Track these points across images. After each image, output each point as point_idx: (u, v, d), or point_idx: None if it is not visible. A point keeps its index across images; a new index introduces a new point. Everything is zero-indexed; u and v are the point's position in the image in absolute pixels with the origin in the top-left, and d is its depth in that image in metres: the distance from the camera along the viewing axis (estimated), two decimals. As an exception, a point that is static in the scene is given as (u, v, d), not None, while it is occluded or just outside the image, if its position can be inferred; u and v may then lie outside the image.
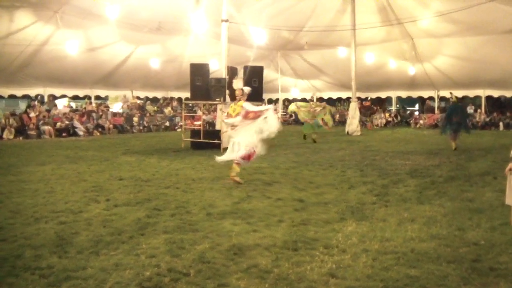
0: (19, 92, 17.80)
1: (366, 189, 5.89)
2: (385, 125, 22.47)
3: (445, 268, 3.10)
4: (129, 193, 5.61)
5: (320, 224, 4.24)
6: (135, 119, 19.16)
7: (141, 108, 20.76)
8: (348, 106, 19.01)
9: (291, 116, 24.58)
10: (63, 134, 15.71)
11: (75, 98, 21.46)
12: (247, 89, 6.46)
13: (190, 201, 5.18)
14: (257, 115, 6.10)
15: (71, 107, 20.40)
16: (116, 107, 21.28)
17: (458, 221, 4.33)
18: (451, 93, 11.38)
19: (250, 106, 6.23)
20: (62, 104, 19.96)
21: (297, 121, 25.28)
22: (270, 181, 6.56)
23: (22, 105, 21.17)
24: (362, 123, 20.32)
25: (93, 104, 19.72)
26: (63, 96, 20.40)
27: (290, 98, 26.20)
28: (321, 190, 5.87)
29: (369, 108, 23.16)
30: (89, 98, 20.39)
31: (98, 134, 16.74)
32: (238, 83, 6.53)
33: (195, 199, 5.33)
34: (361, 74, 18.28)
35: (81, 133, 16.18)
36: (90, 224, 4.21)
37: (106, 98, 22.78)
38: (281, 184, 6.31)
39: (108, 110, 19.50)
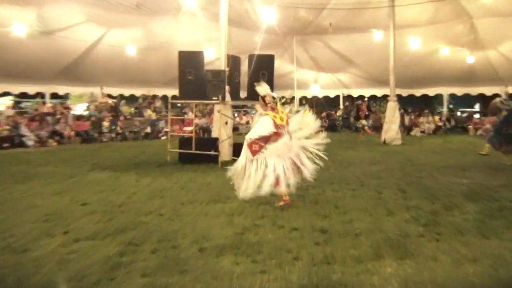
0: None
1: (409, 217, 5.85)
2: (434, 131, 22.40)
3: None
4: (96, 223, 5.63)
5: (348, 263, 4.23)
6: (106, 124, 19.34)
7: (114, 110, 20.96)
8: (385, 107, 19.02)
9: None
10: (5, 145, 15.27)
11: (23, 96, 21.56)
12: (271, 94, 6.70)
13: (178, 232, 5.19)
14: None
15: (18, 108, 20.58)
16: (80, 108, 21.51)
17: (534, 260, 4.27)
18: None
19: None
20: (3, 105, 20.12)
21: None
22: (283, 204, 6.55)
23: None
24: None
25: (48, 105, 19.90)
26: (6, 94, 20.52)
27: (309, 96, 26.33)
28: (349, 217, 5.84)
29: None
30: (43, 97, 20.56)
31: (54, 144, 16.77)
32: (265, 88, 6.68)
33: (184, 229, 5.33)
34: (402, 65, 18.31)
35: (30, 143, 15.92)
36: (40, 267, 4.15)
37: (66, 96, 23.08)
38: (298, 209, 6.30)
39: (69, 112, 19.72)
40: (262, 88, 6.70)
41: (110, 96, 22.69)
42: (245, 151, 6.34)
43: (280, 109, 6.59)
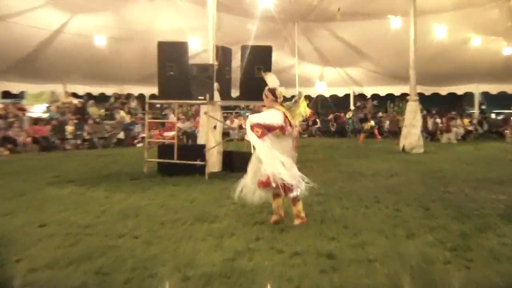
0: None
1: (434, 239, 5.85)
2: (463, 137, 22.51)
3: None
4: (56, 248, 5.58)
5: (362, 296, 4.21)
6: (70, 128, 19.33)
7: (80, 112, 20.94)
8: (404, 108, 19.08)
9: (314, 123, 24.74)
10: None
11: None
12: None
13: (157, 258, 5.16)
14: None
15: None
16: (38, 109, 21.46)
17: None
18: None
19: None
20: None
21: (324, 131, 25.52)
22: (282, 225, 6.54)
23: None
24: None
25: (-1, 106, 19.83)
26: None
27: (314, 95, 26.42)
28: (362, 240, 5.84)
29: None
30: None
31: (6, 152, 16.76)
32: (275, 79, 6.70)
33: (164, 254, 5.31)
34: (425, 58, 18.41)
35: (-27, 151, 15.91)
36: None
37: (21, 95, 23.00)
38: (300, 230, 6.28)
39: (25, 114, 19.67)
40: (273, 79, 6.67)
41: (75, 95, 22.66)
42: (251, 136, 6.34)
43: (299, 105, 6.70)
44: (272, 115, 6.45)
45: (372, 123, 21.37)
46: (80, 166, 13.17)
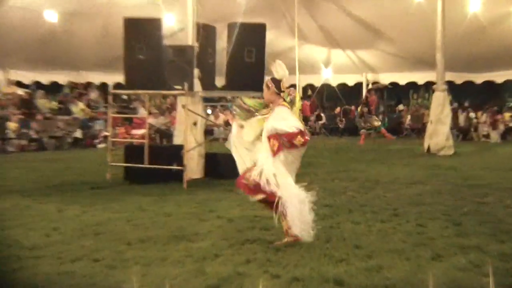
0: None
1: (466, 262, 5.86)
2: (504, 135, 22.61)
3: None
4: (-4, 273, 5.57)
5: (377, 331, 4.22)
6: (13, 125, 19.25)
7: (26, 105, 20.86)
8: (430, 99, 19.14)
9: (318, 118, 24.77)
10: None
11: None
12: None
13: (122, 286, 5.15)
14: None
15: None
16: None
17: None
18: None
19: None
20: None
21: (330, 128, 25.54)
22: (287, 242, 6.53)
23: None
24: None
25: None
26: None
27: (318, 83, 26.46)
28: (376, 262, 5.84)
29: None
30: None
31: None
32: (284, 67, 6.66)
33: (131, 282, 5.28)
34: (455, 38, 18.47)
35: None
36: None
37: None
38: (300, 250, 6.28)
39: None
40: (282, 68, 6.68)
41: (19, 84, 22.56)
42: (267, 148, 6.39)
43: (298, 103, 6.72)
44: (288, 117, 6.46)
45: (376, 122, 20.82)
46: (26, 173, 13.14)
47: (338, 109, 27.25)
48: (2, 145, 18.50)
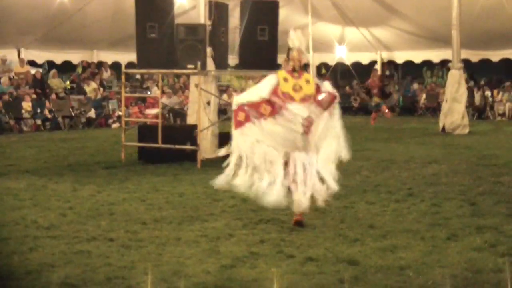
0: None
1: (482, 242, 5.86)
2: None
3: None
4: (10, 254, 5.61)
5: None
6: (27, 105, 19.30)
7: (39, 85, 20.90)
8: (445, 78, 18.98)
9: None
10: None
11: None
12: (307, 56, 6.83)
13: (137, 266, 5.18)
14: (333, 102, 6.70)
15: None
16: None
17: None
18: None
19: (327, 85, 6.75)
20: None
21: (345, 108, 25.43)
22: (291, 224, 6.57)
23: None
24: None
25: None
26: None
27: (332, 62, 26.31)
28: (391, 242, 5.86)
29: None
30: None
31: None
32: (302, 39, 6.66)
33: (146, 261, 5.32)
34: (472, 15, 18.29)
35: None
36: None
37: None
38: (315, 230, 6.32)
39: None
40: (296, 36, 6.62)
41: (32, 63, 22.58)
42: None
43: (305, 77, 6.58)
44: (258, 86, 6.51)
45: (377, 99, 20.14)
46: (41, 153, 13.16)
47: (348, 88, 27.01)
48: (16, 125, 18.54)
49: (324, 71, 27.65)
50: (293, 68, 6.56)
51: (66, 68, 23.94)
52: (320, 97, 6.53)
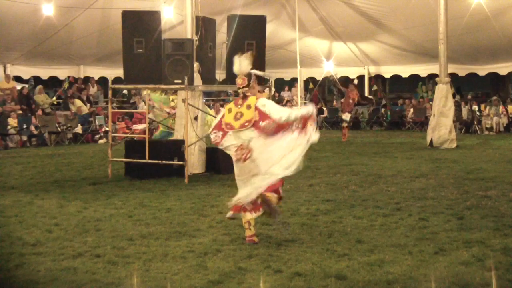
0: None
1: (469, 256, 5.88)
2: (508, 128, 22.59)
3: None
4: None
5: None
6: (12, 121, 19.24)
7: (25, 100, 20.84)
8: (432, 92, 19.07)
9: (320, 112, 24.70)
10: None
11: None
12: (257, 74, 6.79)
13: (123, 283, 5.17)
14: (288, 125, 6.39)
15: None
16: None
17: None
18: None
19: (272, 107, 6.49)
20: None
21: (332, 123, 25.55)
22: (280, 239, 6.58)
23: None
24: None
25: None
26: None
27: (319, 77, 26.42)
28: (379, 257, 5.87)
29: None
30: None
31: None
32: (242, 63, 6.66)
33: (133, 277, 5.32)
34: (459, 29, 18.44)
35: None
36: None
37: None
38: (302, 245, 6.32)
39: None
40: (237, 61, 6.68)
41: (18, 79, 22.53)
42: None
43: (249, 102, 6.47)
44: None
45: (345, 115, 20.15)
46: (27, 169, 13.13)
47: (335, 103, 27.12)
48: (1, 141, 18.47)
49: (312, 86, 27.80)
50: (242, 96, 6.59)
51: (52, 83, 23.91)
52: (262, 124, 6.35)
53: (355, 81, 22.69)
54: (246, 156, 6.39)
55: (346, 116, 19.72)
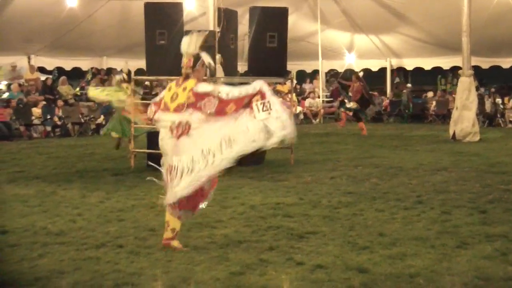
0: None
1: (492, 250, 5.85)
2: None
3: None
4: (19, 261, 5.63)
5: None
6: (37, 111, 19.41)
7: (48, 91, 20.98)
8: (451, 85, 18.90)
9: (342, 102, 24.47)
10: None
11: None
12: (206, 59, 6.57)
13: (145, 273, 5.21)
14: (239, 105, 6.00)
15: None
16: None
17: None
18: None
19: (205, 87, 6.32)
20: None
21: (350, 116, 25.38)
22: (301, 231, 6.60)
23: None
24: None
25: None
26: None
27: (341, 69, 26.32)
28: (400, 250, 5.87)
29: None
30: None
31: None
32: (191, 43, 6.63)
33: (154, 268, 5.36)
34: (482, 21, 18.25)
35: None
36: None
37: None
38: (324, 238, 6.34)
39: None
40: (185, 41, 6.72)
41: (42, 70, 22.67)
42: None
43: (185, 84, 6.35)
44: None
45: (352, 104, 19.92)
46: (50, 159, 13.21)
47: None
48: (26, 131, 18.61)
49: (330, 77, 27.66)
50: (182, 75, 6.49)
51: (75, 74, 24.04)
52: (201, 102, 6.11)
53: (360, 73, 22.46)
54: (184, 132, 6.14)
55: (349, 104, 19.65)
